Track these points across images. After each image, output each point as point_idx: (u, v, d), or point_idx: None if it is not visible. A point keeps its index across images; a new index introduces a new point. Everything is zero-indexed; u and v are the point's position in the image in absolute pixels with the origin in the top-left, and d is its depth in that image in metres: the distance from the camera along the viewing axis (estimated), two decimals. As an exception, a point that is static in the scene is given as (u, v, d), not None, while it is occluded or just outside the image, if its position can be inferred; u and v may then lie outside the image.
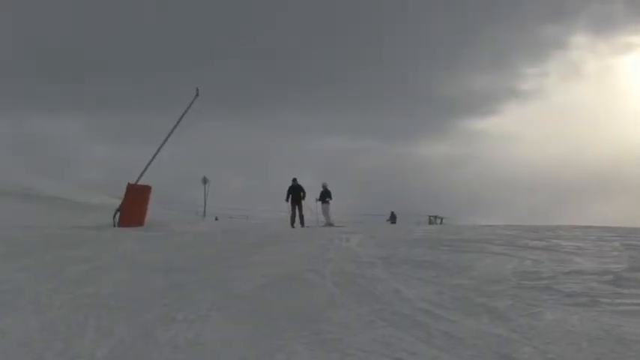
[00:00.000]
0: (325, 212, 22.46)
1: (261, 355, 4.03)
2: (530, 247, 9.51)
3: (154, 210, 20.95)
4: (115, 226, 17.73)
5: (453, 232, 13.50)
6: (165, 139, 19.43)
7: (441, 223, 27.46)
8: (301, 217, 21.23)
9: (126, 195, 18.65)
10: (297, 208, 21.17)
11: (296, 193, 21.32)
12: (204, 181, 32.15)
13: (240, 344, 4.36)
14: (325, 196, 22.42)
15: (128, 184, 18.80)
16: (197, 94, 19.61)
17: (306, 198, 21.59)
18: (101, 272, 8.08)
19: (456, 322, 4.71)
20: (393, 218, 32.39)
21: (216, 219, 30.33)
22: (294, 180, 21.64)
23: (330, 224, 21.68)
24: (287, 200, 21.44)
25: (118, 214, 18.09)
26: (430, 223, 27.45)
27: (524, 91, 72.33)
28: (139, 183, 18.89)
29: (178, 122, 19.54)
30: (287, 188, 21.61)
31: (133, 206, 18.25)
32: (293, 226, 20.40)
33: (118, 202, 19.10)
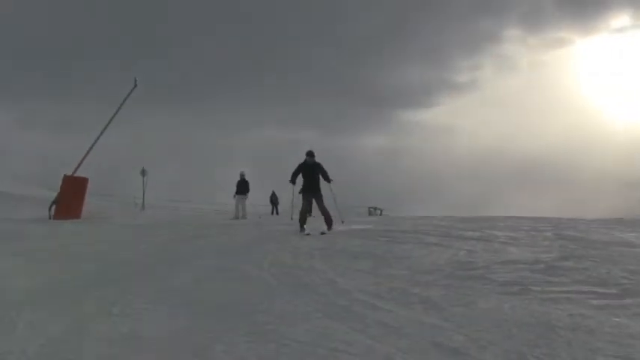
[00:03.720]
0: (241, 204, 21.00)
1: (199, 347, 3.89)
2: (466, 237, 9.68)
3: (91, 202, 20.33)
4: (50, 218, 17.22)
5: (391, 224, 13.64)
6: (103, 130, 18.93)
7: (380, 214, 27.70)
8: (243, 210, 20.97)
9: (62, 187, 18.11)
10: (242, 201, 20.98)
11: (242, 188, 21.09)
12: (143, 173, 31.39)
13: (177, 337, 4.18)
14: (242, 187, 21.20)
15: (64, 175, 18.24)
16: (135, 85, 19.26)
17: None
18: (35, 265, 7.74)
19: (391, 312, 4.69)
20: (273, 202, 30.77)
21: (141, 207, 29.58)
22: (242, 174, 21.42)
23: (239, 217, 20.29)
24: (235, 195, 21.21)
25: (54, 207, 17.58)
26: (370, 214, 27.64)
27: (459, 84, 74.25)
28: (76, 175, 18.39)
29: (116, 113, 19.10)
30: (236, 183, 21.45)
31: (70, 198, 17.73)
32: (238, 219, 20.01)
33: (53, 195, 18.54)
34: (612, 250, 7.85)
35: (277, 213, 28.34)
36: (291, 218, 13.58)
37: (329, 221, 11.62)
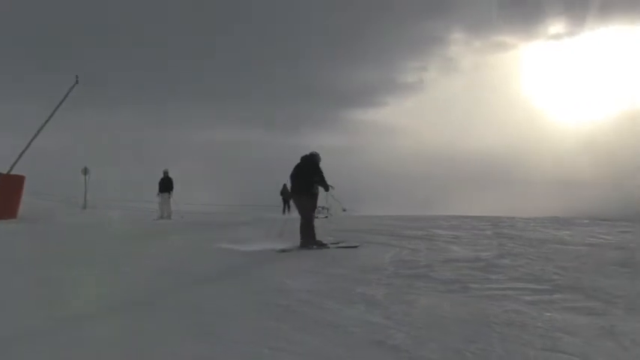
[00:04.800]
0: (165, 204, 19.70)
1: (146, 348, 3.84)
2: (410, 236, 9.91)
3: (29, 201, 19.62)
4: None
5: (339, 223, 13.79)
6: (41, 127, 18.37)
7: (328, 213, 27.81)
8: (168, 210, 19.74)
9: (-4, 185, 17.45)
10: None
11: (165, 186, 20.03)
12: (85, 171, 30.47)
13: (123, 339, 4.12)
14: (165, 185, 19.91)
15: (-1, 174, 17.60)
16: (76, 82, 18.82)
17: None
18: None
19: (334, 311, 4.77)
20: (285, 197, 27.71)
21: (83, 206, 28.69)
22: (165, 172, 20.30)
23: (163, 217, 19.19)
24: (158, 194, 20.12)
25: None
26: (319, 213, 27.64)
27: (406, 84, 75.46)
28: (12, 173, 17.77)
29: (55, 110, 18.60)
30: (159, 181, 20.29)
31: (5, 197, 17.10)
32: (163, 218, 19.13)
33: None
34: (547, 248, 8.21)
35: (289, 210, 26.33)
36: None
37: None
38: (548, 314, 4.57)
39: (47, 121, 18.40)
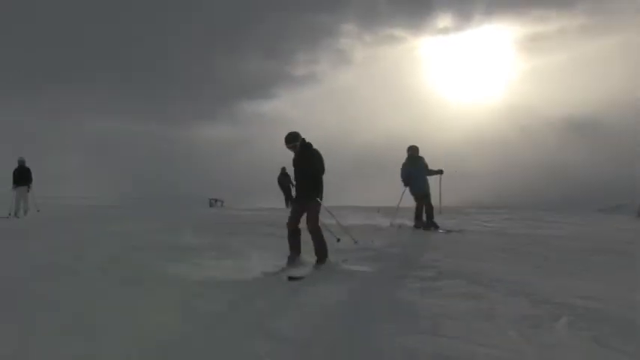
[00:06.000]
0: (22, 197, 16.10)
1: (20, 349, 3.48)
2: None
3: None
4: None
5: (232, 215, 13.56)
6: None
7: (222, 206, 27.36)
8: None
9: None
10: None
11: (22, 178, 16.09)
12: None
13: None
14: (22, 176, 16.13)
15: None
16: None
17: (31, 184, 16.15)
18: None
19: (222, 302, 4.61)
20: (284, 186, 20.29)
21: None
22: (21, 161, 16.21)
23: (17, 214, 15.69)
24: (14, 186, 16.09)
25: None
26: (211, 206, 27.10)
27: (297, 76, 76.01)
28: None
29: None
30: (13, 171, 16.23)
31: None
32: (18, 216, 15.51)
33: None
34: (433, 237, 8.48)
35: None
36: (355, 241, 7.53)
37: (320, 250, 6.39)
38: (431, 300, 4.65)
39: None
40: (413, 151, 10.64)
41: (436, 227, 10.12)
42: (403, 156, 10.65)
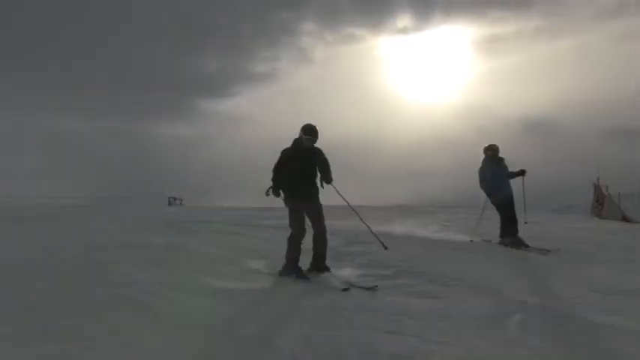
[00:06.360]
0: None
1: None
2: (264, 225, 9.92)
3: None
4: None
5: (192, 214, 13.47)
6: None
7: (180, 204, 26.99)
8: None
9: None
10: None
11: None
12: None
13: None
14: None
15: None
16: None
17: None
18: None
19: (182, 303, 4.59)
20: None
21: None
22: None
23: None
24: None
25: None
26: (169, 204, 26.65)
27: (258, 74, 75.78)
28: None
29: None
30: None
31: None
32: None
33: None
34: (391, 236, 8.61)
35: None
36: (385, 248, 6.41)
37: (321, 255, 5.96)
38: (390, 299, 4.79)
39: None
40: (494, 150, 8.88)
41: (526, 246, 8.23)
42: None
